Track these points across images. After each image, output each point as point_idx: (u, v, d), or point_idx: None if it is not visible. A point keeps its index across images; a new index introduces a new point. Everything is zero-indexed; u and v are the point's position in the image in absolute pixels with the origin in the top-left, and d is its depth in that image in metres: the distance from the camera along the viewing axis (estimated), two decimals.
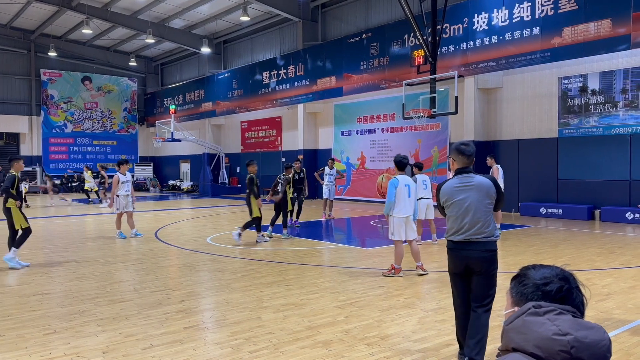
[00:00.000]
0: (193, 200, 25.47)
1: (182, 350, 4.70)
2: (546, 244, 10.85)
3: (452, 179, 4.39)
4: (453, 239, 4.36)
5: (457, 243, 4.32)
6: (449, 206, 4.39)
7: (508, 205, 16.76)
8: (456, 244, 4.33)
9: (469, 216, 4.25)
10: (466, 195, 4.28)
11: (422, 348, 4.78)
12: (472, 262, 4.24)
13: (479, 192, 4.26)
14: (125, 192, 12.13)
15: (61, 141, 33.77)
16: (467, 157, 4.31)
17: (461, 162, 4.34)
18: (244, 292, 6.84)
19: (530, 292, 1.51)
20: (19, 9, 27.57)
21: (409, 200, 7.69)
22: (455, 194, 4.32)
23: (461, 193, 4.30)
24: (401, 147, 20.09)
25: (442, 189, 4.42)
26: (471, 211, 4.25)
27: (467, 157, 4.31)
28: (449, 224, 4.43)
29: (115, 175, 12.17)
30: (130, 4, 26.08)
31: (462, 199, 4.29)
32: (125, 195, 12.13)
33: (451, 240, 4.39)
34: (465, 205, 4.27)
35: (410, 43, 18.09)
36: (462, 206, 4.28)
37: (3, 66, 31.70)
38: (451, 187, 4.36)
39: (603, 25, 13.32)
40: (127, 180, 12.22)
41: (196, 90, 31.05)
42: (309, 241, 11.76)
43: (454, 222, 4.35)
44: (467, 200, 4.27)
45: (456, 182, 4.34)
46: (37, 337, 5.11)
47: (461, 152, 4.31)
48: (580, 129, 15.49)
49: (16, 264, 8.59)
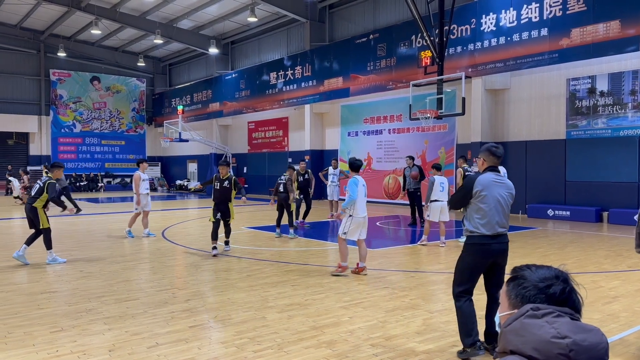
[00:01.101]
0: (200, 200, 25.56)
1: (187, 349, 4.73)
2: (553, 246, 10.80)
3: (488, 174, 4.62)
4: (486, 232, 4.52)
5: (489, 237, 4.52)
6: (482, 197, 4.53)
7: (515, 207, 16.68)
8: (488, 238, 4.53)
9: (503, 210, 4.56)
10: (501, 191, 4.58)
11: (426, 349, 4.78)
12: (501, 254, 4.59)
13: (508, 190, 4.65)
14: (145, 190, 12.11)
15: (70, 141, 33.99)
16: (497, 157, 4.68)
17: (492, 162, 4.68)
18: (249, 292, 6.86)
19: (533, 295, 1.49)
20: (29, 10, 27.79)
21: (364, 200, 7.88)
22: (492, 187, 4.55)
23: (497, 188, 4.58)
24: (408, 148, 20.06)
25: (478, 180, 4.57)
26: (504, 206, 4.58)
27: (497, 157, 4.68)
28: (479, 215, 4.54)
29: (136, 173, 12.08)
30: (139, 5, 26.22)
31: (498, 194, 4.56)
32: (146, 194, 12.13)
33: (484, 234, 4.52)
34: (499, 199, 4.55)
35: (417, 44, 18.06)
36: (497, 200, 4.54)
37: (13, 66, 31.97)
38: (490, 180, 4.58)
39: (612, 27, 13.23)
40: (146, 179, 12.24)
41: (204, 91, 31.16)
42: (315, 241, 11.77)
43: (486, 215, 4.51)
44: (502, 195, 4.57)
45: (493, 177, 4.61)
46: (44, 334, 5.16)
47: (493, 154, 4.67)
48: (589, 131, 15.40)
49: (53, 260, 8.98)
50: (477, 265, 4.57)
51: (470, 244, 4.62)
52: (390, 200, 21.07)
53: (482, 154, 4.75)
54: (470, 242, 4.62)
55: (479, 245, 4.54)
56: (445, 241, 10.72)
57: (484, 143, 16.57)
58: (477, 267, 4.58)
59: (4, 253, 10.05)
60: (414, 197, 13.89)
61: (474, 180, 4.59)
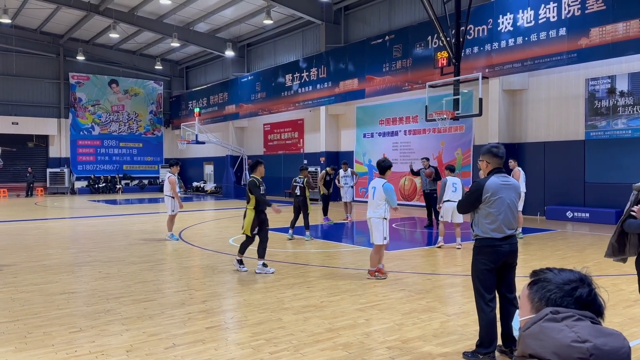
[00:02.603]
0: (216, 202, 25.72)
1: (204, 350, 4.76)
2: (572, 248, 10.65)
3: (494, 177, 4.58)
4: (497, 235, 4.51)
5: (499, 239, 4.51)
6: (492, 202, 4.51)
7: (533, 208, 16.49)
8: (499, 240, 4.51)
9: (511, 212, 4.55)
10: (508, 193, 4.56)
11: (443, 352, 4.74)
12: (511, 255, 4.58)
13: (515, 191, 4.63)
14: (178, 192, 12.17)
15: (89, 143, 34.44)
16: (500, 158, 4.64)
17: (495, 163, 4.64)
18: (265, 293, 6.88)
19: (559, 297, 1.46)
20: (49, 14, 28.24)
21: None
22: (500, 190, 4.53)
23: (505, 190, 4.55)
24: (424, 149, 19.95)
25: (487, 185, 4.53)
26: (512, 207, 4.57)
27: (499, 158, 4.63)
28: (488, 220, 4.52)
29: (172, 177, 12.05)
30: (156, 9, 26.49)
31: (506, 196, 4.54)
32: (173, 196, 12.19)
33: (493, 237, 4.51)
34: (507, 202, 4.53)
35: (433, 45, 17.96)
36: (505, 203, 4.52)
37: (33, 70, 32.51)
38: (498, 183, 4.55)
39: (632, 26, 13.01)
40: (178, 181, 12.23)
41: (220, 93, 31.35)
42: (331, 243, 11.76)
43: (496, 218, 4.50)
44: (509, 198, 4.55)
45: (500, 180, 4.57)
46: (63, 335, 5.22)
47: (494, 155, 4.63)
48: (608, 131, 15.16)
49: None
50: (490, 268, 4.55)
51: (479, 247, 4.60)
52: (406, 202, 20.96)
53: (484, 156, 4.70)
54: (479, 244, 4.60)
55: (489, 247, 4.52)
56: (462, 243, 10.63)
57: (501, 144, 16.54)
58: (490, 269, 4.56)
59: (24, 254, 10.21)
60: (430, 199, 13.81)
61: (482, 185, 4.55)
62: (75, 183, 33.48)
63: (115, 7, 26.05)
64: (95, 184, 33.66)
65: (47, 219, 17.66)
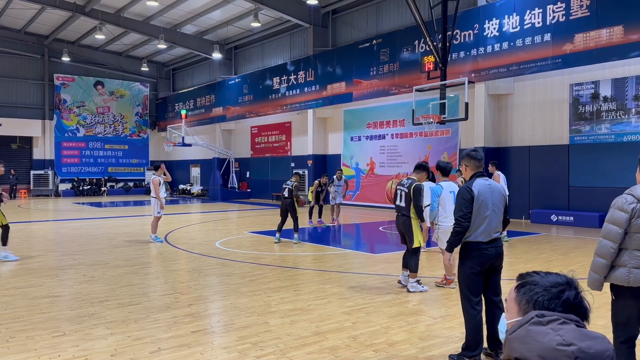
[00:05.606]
0: (203, 205, 25.57)
1: (189, 354, 4.72)
2: (557, 251, 10.76)
3: (479, 180, 4.58)
4: (483, 239, 4.50)
5: (485, 243, 4.51)
6: (479, 206, 4.49)
7: (518, 212, 16.65)
8: (485, 244, 4.51)
9: (497, 215, 4.56)
10: (493, 196, 4.57)
11: (429, 355, 4.76)
12: (497, 258, 4.59)
13: (500, 194, 4.64)
14: (163, 194, 12.08)
15: (73, 145, 34.08)
16: (479, 161, 4.67)
17: (475, 167, 4.67)
18: (251, 297, 6.85)
19: (547, 299, 1.48)
20: (34, 15, 27.94)
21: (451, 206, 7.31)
22: (488, 193, 4.54)
23: (491, 194, 4.56)
24: (411, 153, 20.05)
25: (479, 190, 4.51)
26: (498, 210, 4.58)
27: (479, 161, 4.67)
28: (475, 223, 4.49)
29: (156, 178, 11.96)
30: (143, 10, 26.33)
31: (491, 199, 4.55)
32: (164, 198, 12.15)
33: (479, 241, 4.50)
34: (491, 205, 4.53)
35: (420, 49, 18.08)
36: (490, 206, 4.52)
37: (17, 71, 32.11)
38: (485, 186, 4.55)
39: (615, 32, 13.22)
40: (163, 183, 12.19)
41: (207, 96, 31.24)
42: (318, 246, 11.76)
43: (483, 221, 4.49)
44: (494, 200, 4.56)
45: (485, 183, 4.58)
46: (46, 339, 5.15)
47: (473, 158, 4.67)
48: (592, 136, 15.37)
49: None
50: (476, 271, 4.57)
51: (466, 251, 4.60)
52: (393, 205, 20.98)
53: (463, 160, 4.75)
54: (465, 248, 4.60)
55: (475, 251, 4.53)
56: None
57: (487, 148, 16.68)
58: (477, 273, 4.58)
59: None
60: None
61: (470, 189, 4.53)
62: (59, 185, 33.10)
63: (102, 8, 25.85)
64: (79, 186, 33.31)
65: (30, 221, 17.43)
